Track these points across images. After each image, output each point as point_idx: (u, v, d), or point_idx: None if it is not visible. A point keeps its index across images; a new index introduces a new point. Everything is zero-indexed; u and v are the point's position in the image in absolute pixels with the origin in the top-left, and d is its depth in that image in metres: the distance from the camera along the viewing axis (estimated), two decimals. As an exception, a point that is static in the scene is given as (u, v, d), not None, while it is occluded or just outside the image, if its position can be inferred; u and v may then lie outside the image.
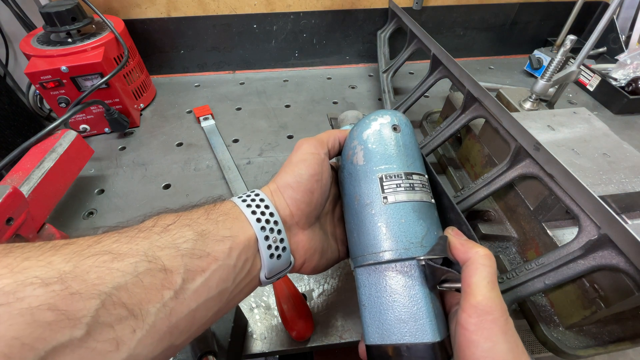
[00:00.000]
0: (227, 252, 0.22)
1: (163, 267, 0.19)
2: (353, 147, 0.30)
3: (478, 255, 0.23)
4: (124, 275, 0.18)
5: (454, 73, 0.50)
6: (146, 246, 0.20)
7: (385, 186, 0.27)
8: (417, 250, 0.25)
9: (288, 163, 0.29)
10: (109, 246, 0.19)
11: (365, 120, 0.30)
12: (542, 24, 0.87)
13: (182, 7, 0.73)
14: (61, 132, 0.48)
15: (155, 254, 0.20)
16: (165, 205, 0.52)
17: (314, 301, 0.41)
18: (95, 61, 0.56)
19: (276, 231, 0.25)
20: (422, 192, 0.28)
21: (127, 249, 0.19)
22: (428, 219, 0.27)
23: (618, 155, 0.39)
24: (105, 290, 0.17)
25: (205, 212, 0.24)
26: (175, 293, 0.19)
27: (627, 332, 0.35)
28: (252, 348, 0.37)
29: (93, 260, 0.18)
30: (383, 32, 0.80)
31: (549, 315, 0.36)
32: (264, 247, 0.25)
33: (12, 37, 0.76)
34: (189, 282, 0.20)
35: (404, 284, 0.25)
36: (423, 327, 0.24)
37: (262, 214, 0.25)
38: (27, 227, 0.38)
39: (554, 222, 0.38)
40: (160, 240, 0.21)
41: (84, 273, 0.17)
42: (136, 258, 0.19)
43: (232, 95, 0.77)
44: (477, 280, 0.22)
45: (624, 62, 0.70)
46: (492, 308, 0.21)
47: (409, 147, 0.29)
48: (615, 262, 0.28)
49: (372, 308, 0.26)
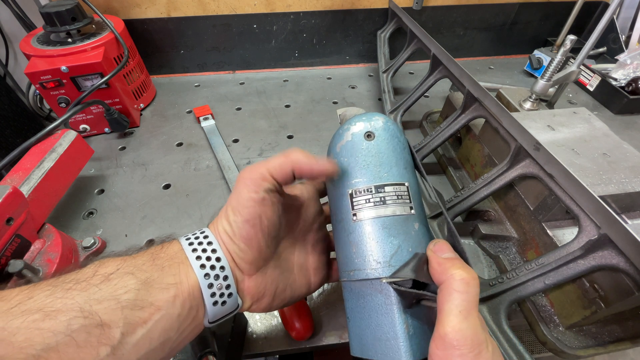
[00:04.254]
0: (171, 300, 0.21)
1: (100, 322, 0.18)
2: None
3: (453, 280, 0.21)
4: (55, 335, 0.17)
5: (454, 73, 0.50)
6: (83, 300, 0.19)
7: (355, 202, 0.26)
8: (384, 270, 0.24)
9: (227, 204, 0.26)
10: (41, 301, 0.18)
11: (339, 131, 0.29)
12: (542, 24, 0.87)
13: (182, 7, 0.73)
14: (61, 132, 0.48)
15: (92, 309, 0.19)
16: (165, 206, 0.52)
17: (314, 301, 0.41)
18: (95, 61, 0.56)
19: (222, 277, 0.24)
20: (395, 205, 0.26)
21: (61, 304, 0.18)
22: (401, 234, 0.25)
23: (618, 155, 0.39)
24: (33, 352, 0.16)
25: (151, 257, 0.23)
26: (112, 349, 0.19)
27: (627, 332, 0.35)
28: (252, 348, 0.37)
29: (22, 320, 0.17)
30: (383, 32, 0.80)
31: (549, 315, 0.36)
32: (207, 294, 0.23)
33: (12, 37, 0.76)
34: (129, 335, 0.19)
35: (377, 303, 0.25)
36: (397, 348, 0.23)
37: (208, 259, 0.24)
38: (27, 227, 0.38)
39: (554, 222, 0.38)
40: (99, 292, 0.20)
41: (10, 335, 0.16)
42: (70, 314, 0.18)
43: (232, 95, 0.77)
44: (448, 308, 0.20)
45: (624, 62, 0.70)
46: (460, 342, 0.19)
47: (384, 155, 0.27)
48: (615, 262, 0.28)
49: (353, 322, 0.26)
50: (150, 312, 0.20)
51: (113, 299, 0.20)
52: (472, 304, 0.20)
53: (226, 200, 0.26)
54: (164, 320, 0.21)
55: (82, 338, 0.18)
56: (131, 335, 0.20)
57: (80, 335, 0.18)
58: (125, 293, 0.20)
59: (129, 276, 0.21)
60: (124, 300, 0.20)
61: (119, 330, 0.19)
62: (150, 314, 0.20)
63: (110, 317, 0.19)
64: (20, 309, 0.17)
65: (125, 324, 0.19)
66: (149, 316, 0.20)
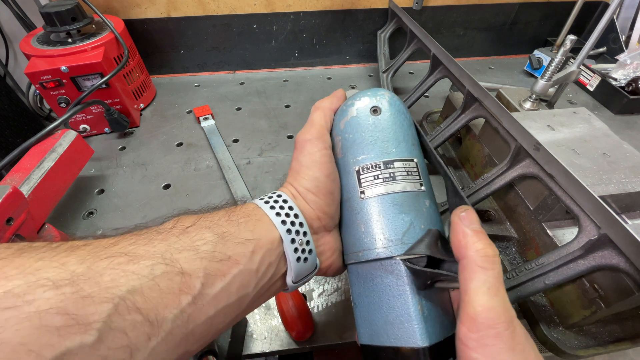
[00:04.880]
0: (249, 255, 0.21)
1: (181, 270, 0.18)
2: (333, 138, 0.28)
3: (477, 255, 0.19)
4: (139, 278, 0.17)
5: (454, 73, 0.50)
6: (164, 248, 0.19)
7: (362, 179, 0.25)
8: (397, 248, 0.23)
9: (298, 165, 0.26)
10: (125, 248, 0.18)
11: (343, 107, 0.28)
12: (542, 24, 0.87)
13: (182, 7, 0.73)
14: (61, 132, 0.48)
15: (173, 257, 0.19)
16: (165, 206, 0.52)
17: (314, 301, 0.41)
18: (95, 61, 0.56)
19: (302, 233, 0.24)
20: (405, 181, 0.25)
21: (143, 251, 0.18)
22: (412, 211, 0.24)
23: (618, 155, 0.39)
24: (119, 293, 0.16)
25: (226, 214, 0.23)
26: (193, 298, 0.18)
27: (627, 332, 0.35)
28: (252, 348, 0.37)
29: (108, 262, 0.17)
30: (383, 32, 0.80)
31: (549, 315, 0.36)
32: (290, 249, 0.23)
33: (12, 37, 0.76)
34: (209, 287, 0.19)
35: (389, 284, 0.23)
36: (411, 331, 0.22)
37: (287, 215, 0.24)
38: (27, 227, 0.38)
39: (554, 222, 0.38)
40: (179, 242, 0.19)
41: (97, 275, 0.16)
42: (153, 260, 0.18)
43: (232, 95, 0.77)
44: (475, 286, 0.19)
45: (624, 62, 0.70)
46: (494, 320, 0.18)
47: (392, 130, 0.26)
48: (615, 262, 0.28)
49: (362, 307, 0.25)
50: (228, 266, 0.20)
51: (192, 250, 0.19)
52: (499, 280, 0.19)
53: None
54: (242, 275, 0.21)
55: (165, 284, 0.17)
56: (210, 286, 0.19)
57: (162, 281, 0.17)
58: (203, 245, 0.20)
59: (206, 229, 0.21)
60: (202, 252, 0.20)
61: (199, 281, 0.19)
62: (228, 267, 0.20)
63: (191, 266, 0.19)
64: (106, 253, 0.17)
65: (205, 275, 0.19)
66: (228, 269, 0.20)
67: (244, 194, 0.53)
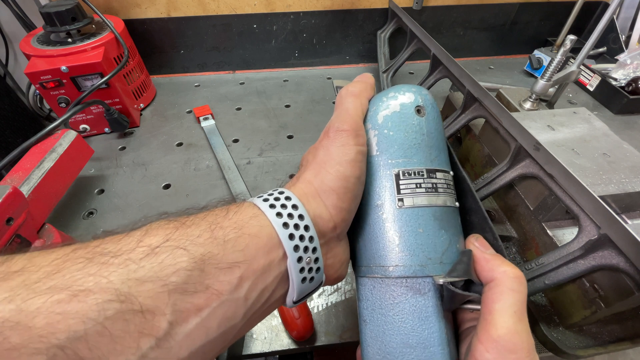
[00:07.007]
0: (235, 283, 0.17)
1: (141, 309, 0.15)
2: (366, 131, 0.24)
3: (506, 277, 0.19)
4: (84, 322, 0.13)
5: (454, 73, 0.50)
6: (120, 279, 0.15)
7: (402, 185, 0.22)
8: (435, 268, 0.21)
9: (328, 157, 0.22)
10: (70, 276, 0.14)
11: (382, 98, 0.24)
12: (542, 24, 0.87)
13: (182, 7, 0.73)
14: (61, 132, 0.48)
15: (132, 291, 0.15)
16: (165, 206, 0.52)
17: (314, 301, 0.41)
18: (95, 61, 0.56)
19: (311, 250, 0.20)
20: (445, 194, 0.23)
21: (93, 282, 0.14)
22: (451, 228, 0.23)
23: (618, 155, 0.39)
24: (56, 342, 0.13)
25: (209, 228, 0.18)
26: (157, 341, 0.15)
27: (627, 332, 0.35)
28: (252, 348, 0.37)
29: (44, 300, 0.13)
30: (383, 32, 0.80)
31: (549, 315, 0.36)
32: (295, 270, 0.19)
33: (12, 37, 0.76)
34: (179, 325, 0.16)
35: (414, 304, 0.21)
36: (433, 356, 0.21)
37: (296, 227, 0.19)
38: (27, 227, 0.38)
39: (554, 222, 0.38)
40: (141, 270, 0.15)
41: (29, 319, 0.13)
42: (104, 296, 0.14)
43: (232, 95, 0.77)
44: (501, 307, 0.18)
45: (624, 62, 0.70)
46: (517, 346, 0.17)
47: (434, 136, 0.24)
48: (615, 262, 0.28)
49: (374, 326, 0.22)
50: (206, 298, 0.17)
51: (158, 280, 0.16)
52: (524, 305, 0.18)
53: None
54: (225, 307, 0.17)
55: (119, 326, 0.14)
56: (182, 324, 0.16)
57: (115, 324, 0.14)
58: (174, 273, 0.16)
59: (180, 251, 0.17)
60: (171, 283, 0.16)
61: (166, 319, 0.15)
62: (206, 300, 0.17)
63: (155, 302, 0.15)
64: (46, 284, 0.14)
65: (173, 312, 0.16)
66: (205, 302, 0.17)
67: (243, 194, 0.53)
